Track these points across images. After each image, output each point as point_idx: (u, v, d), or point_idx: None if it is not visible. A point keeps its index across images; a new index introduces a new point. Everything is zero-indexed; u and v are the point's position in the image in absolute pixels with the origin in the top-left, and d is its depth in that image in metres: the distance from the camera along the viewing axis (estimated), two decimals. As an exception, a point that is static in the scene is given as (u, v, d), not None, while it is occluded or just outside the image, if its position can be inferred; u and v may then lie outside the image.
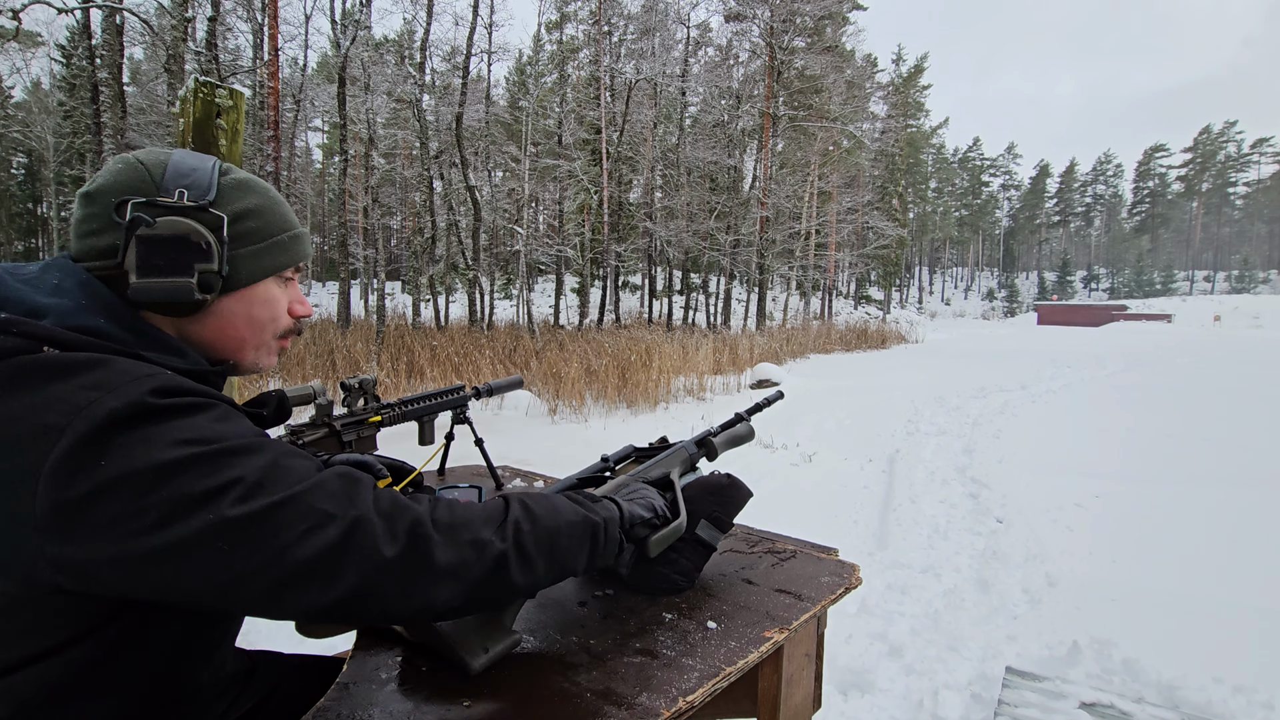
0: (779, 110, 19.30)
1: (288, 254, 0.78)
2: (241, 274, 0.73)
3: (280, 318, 0.80)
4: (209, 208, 0.70)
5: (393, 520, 0.62)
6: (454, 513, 0.66)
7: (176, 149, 0.76)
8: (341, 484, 0.62)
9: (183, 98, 2.11)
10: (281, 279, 0.80)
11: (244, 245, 0.73)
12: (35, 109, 24.45)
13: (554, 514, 0.74)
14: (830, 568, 1.13)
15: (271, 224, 0.76)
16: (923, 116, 47.88)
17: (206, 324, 0.73)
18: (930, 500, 4.45)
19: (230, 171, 0.75)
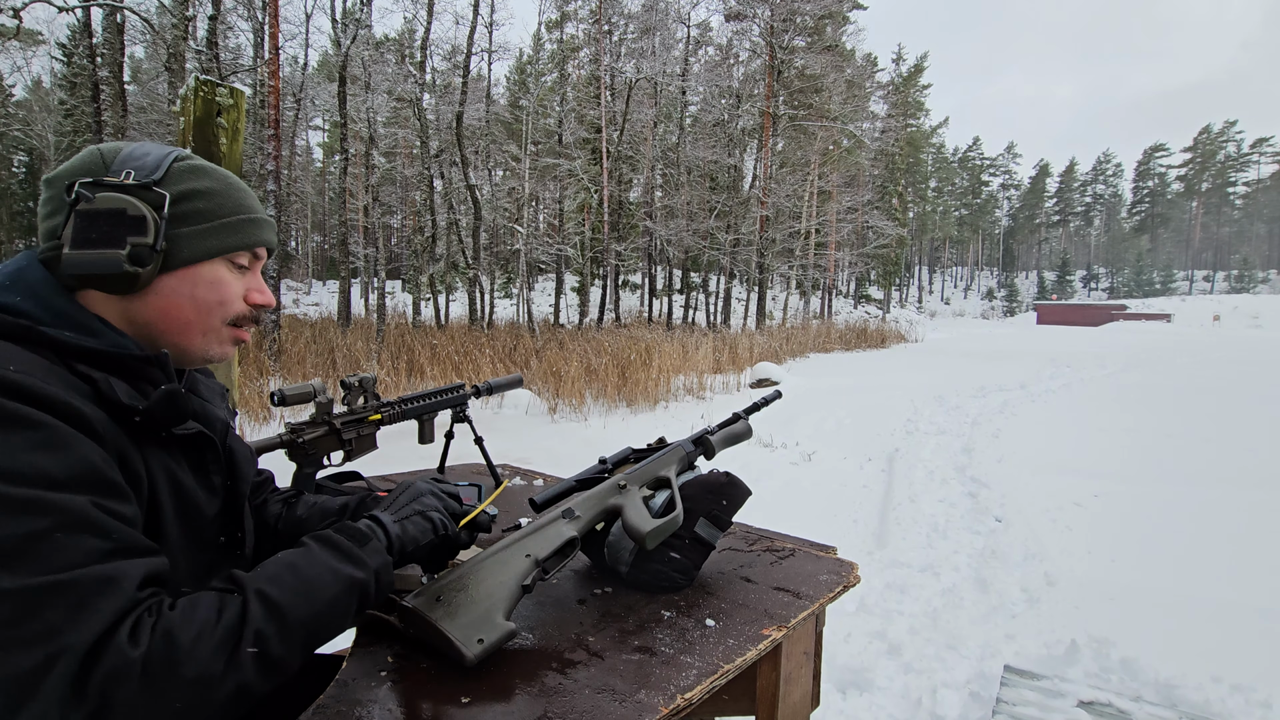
0: (779, 109, 19.29)
1: (237, 236, 0.76)
2: (184, 252, 0.72)
3: (230, 302, 0.77)
4: (152, 187, 0.70)
5: (90, 667, 0.51)
6: (172, 645, 0.55)
7: (139, 142, 0.76)
8: (93, 590, 0.53)
9: (183, 96, 2.11)
10: (234, 263, 0.77)
11: (187, 224, 0.72)
12: (36, 107, 24.45)
13: (307, 597, 0.65)
14: (829, 566, 1.13)
15: (222, 206, 0.75)
16: (923, 116, 47.86)
17: (149, 304, 0.72)
18: (929, 499, 4.46)
19: (189, 159, 0.75)
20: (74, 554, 0.54)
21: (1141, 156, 76.42)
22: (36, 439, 0.55)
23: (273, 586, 0.63)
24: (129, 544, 0.58)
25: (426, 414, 1.62)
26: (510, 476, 1.77)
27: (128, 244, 0.67)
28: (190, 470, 0.74)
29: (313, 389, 1.37)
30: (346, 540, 0.72)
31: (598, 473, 1.07)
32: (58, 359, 0.64)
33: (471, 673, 0.78)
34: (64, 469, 0.56)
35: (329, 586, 0.67)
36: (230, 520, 0.81)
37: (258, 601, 0.61)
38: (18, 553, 0.52)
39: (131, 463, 0.64)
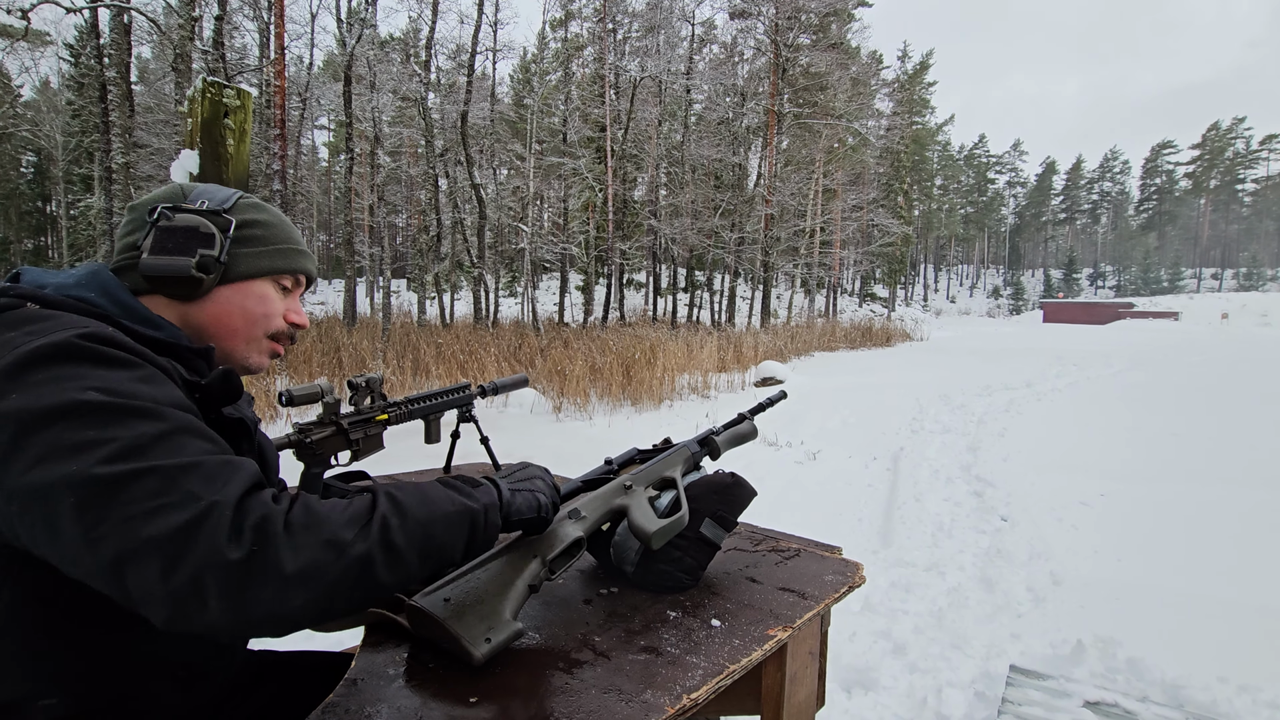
0: (784, 107, 19.25)
1: (286, 260, 0.88)
2: (241, 268, 0.84)
3: (272, 317, 0.88)
4: (222, 213, 0.83)
5: (244, 515, 0.57)
6: (310, 512, 0.61)
7: (212, 185, 0.91)
8: (219, 469, 0.59)
9: (191, 97, 2.12)
10: (279, 285, 0.89)
11: (246, 246, 0.85)
12: (44, 108, 24.59)
13: (426, 504, 0.71)
14: (834, 566, 1.13)
15: (275, 235, 0.88)
16: (928, 113, 47.71)
17: (205, 310, 0.83)
18: (934, 498, 4.45)
19: (252, 199, 0.89)
20: (197, 447, 0.60)
21: (1149, 154, 75.98)
22: (140, 374, 0.63)
23: (399, 491, 0.71)
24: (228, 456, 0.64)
25: (433, 414, 1.63)
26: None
27: (197, 254, 0.79)
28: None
29: (320, 389, 1.37)
30: (462, 485, 0.80)
31: (604, 473, 1.08)
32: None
33: (479, 672, 0.78)
34: (168, 397, 0.63)
35: (445, 505, 0.73)
36: None
37: (385, 497, 0.69)
38: (146, 446, 0.57)
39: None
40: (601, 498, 0.99)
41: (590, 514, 0.96)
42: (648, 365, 8.61)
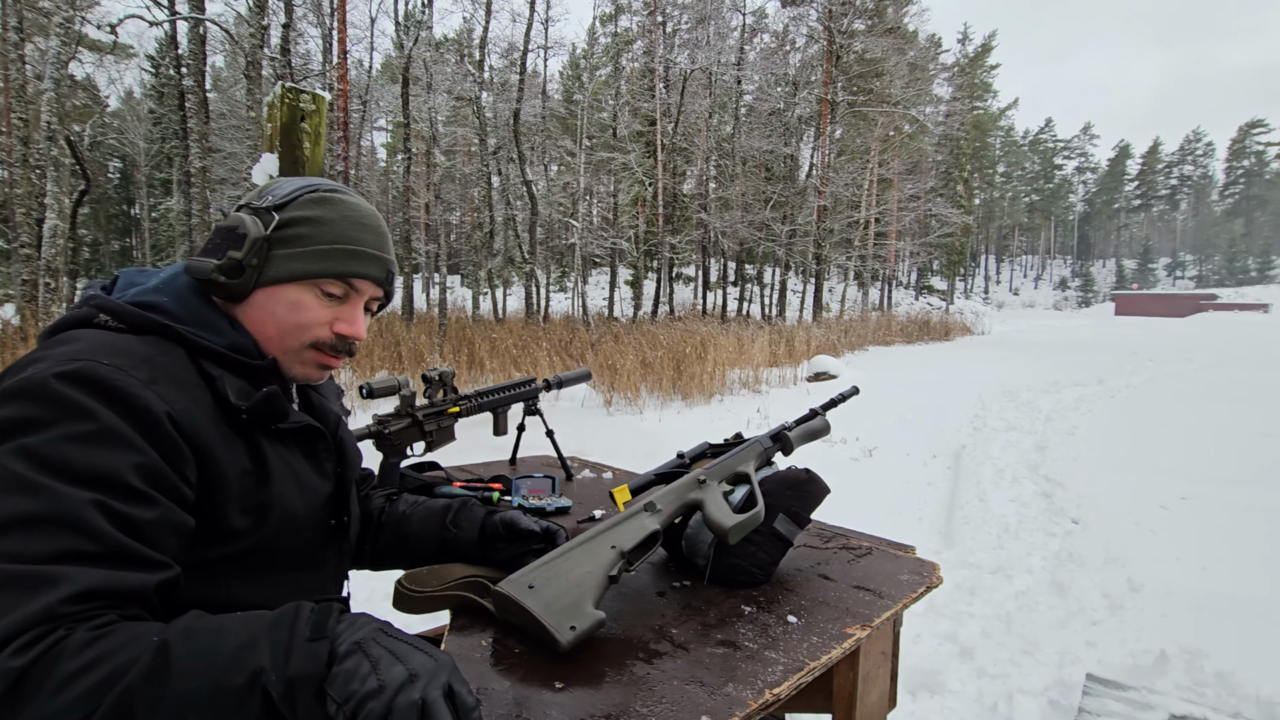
0: (837, 96, 18.79)
1: (325, 264, 0.79)
2: (272, 271, 0.78)
3: (310, 326, 0.80)
4: (272, 210, 0.79)
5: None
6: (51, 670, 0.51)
7: (316, 178, 0.88)
8: (19, 589, 0.54)
9: (270, 103, 2.23)
10: (322, 290, 0.80)
11: (284, 247, 0.78)
12: (128, 117, 26.21)
13: (201, 667, 0.53)
14: (909, 565, 1.11)
15: (323, 235, 0.79)
16: (990, 98, 45.71)
17: (247, 313, 0.80)
18: (999, 498, 4.30)
19: (325, 193, 0.82)
20: (39, 546, 0.55)
21: (1236, 134, 70.81)
22: (80, 431, 0.61)
23: (182, 642, 0.55)
24: (115, 551, 0.59)
25: (501, 407, 1.67)
26: (579, 470, 1.81)
27: (225, 255, 0.76)
28: (304, 458, 0.83)
29: (397, 382, 1.43)
30: (306, 623, 0.58)
31: (676, 467, 1.09)
32: (190, 354, 0.74)
33: (563, 658, 0.80)
34: (87, 465, 0.60)
35: (233, 674, 0.54)
36: (339, 504, 0.88)
37: (153, 653, 0.54)
38: (4, 531, 0.55)
39: (213, 454, 0.69)
40: (676, 491, 1.00)
41: (665, 507, 0.97)
42: (698, 359, 8.57)
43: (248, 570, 0.75)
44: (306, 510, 0.81)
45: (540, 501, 1.42)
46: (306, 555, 0.84)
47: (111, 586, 0.58)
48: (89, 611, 0.56)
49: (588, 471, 1.78)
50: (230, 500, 0.71)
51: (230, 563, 0.73)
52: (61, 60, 5.91)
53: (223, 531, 0.72)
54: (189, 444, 0.68)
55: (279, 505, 0.77)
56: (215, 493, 0.70)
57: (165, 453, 0.65)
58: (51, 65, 5.89)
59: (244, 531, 0.74)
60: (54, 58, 5.92)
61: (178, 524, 0.66)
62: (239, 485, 0.73)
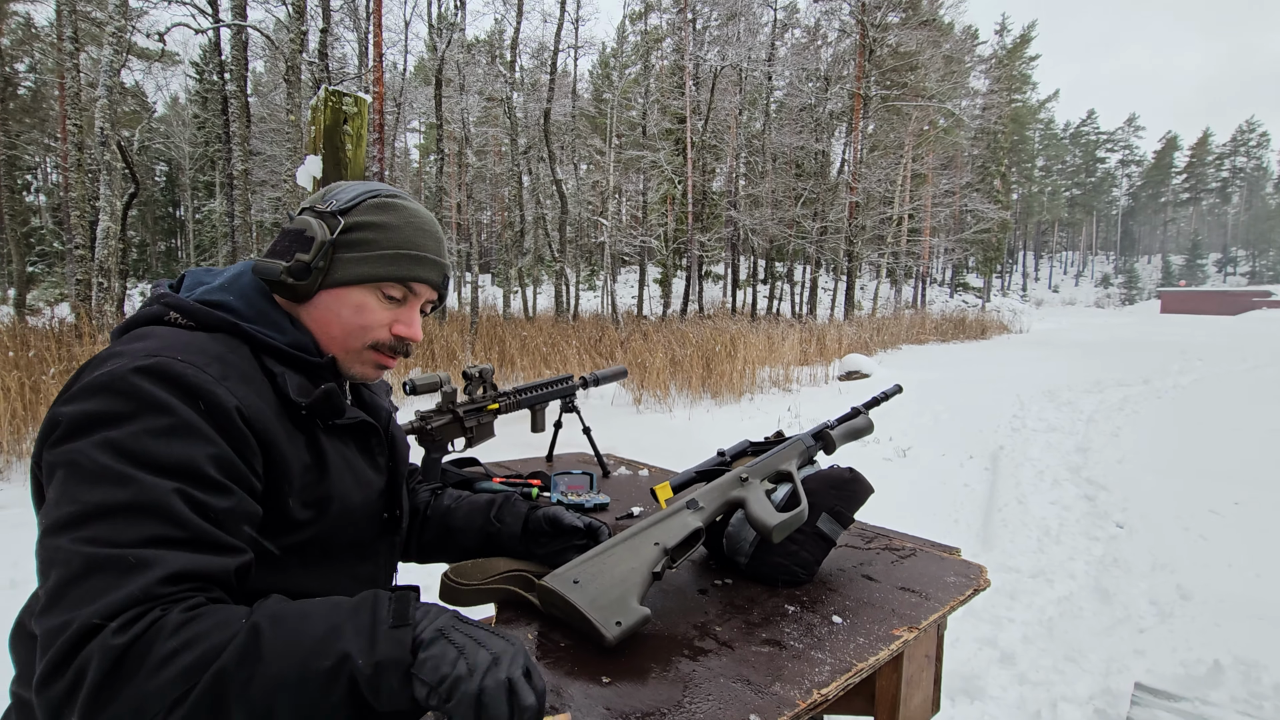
0: (870, 90, 18.49)
1: (389, 268, 0.81)
2: (338, 273, 0.81)
3: (371, 328, 0.83)
4: (337, 214, 0.81)
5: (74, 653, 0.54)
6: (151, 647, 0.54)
7: (374, 182, 0.89)
8: (115, 577, 0.57)
9: (313, 106, 2.28)
10: (384, 294, 0.83)
11: (350, 250, 0.81)
12: (175, 122, 27.11)
13: (290, 652, 0.57)
14: (955, 568, 1.09)
15: (387, 240, 0.82)
16: (1029, 90, 44.46)
17: (310, 313, 0.83)
18: (1039, 501, 4.19)
19: (386, 199, 0.84)
20: (130, 532, 0.59)
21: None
22: (160, 425, 0.64)
23: (270, 625, 0.58)
24: (199, 536, 0.62)
25: (539, 404, 1.69)
26: (615, 467, 1.81)
27: (294, 258, 0.79)
28: (359, 452, 0.86)
29: (439, 379, 1.46)
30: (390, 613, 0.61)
31: (717, 464, 1.09)
32: (253, 351, 0.77)
33: (608, 653, 0.81)
34: (168, 456, 0.63)
35: (321, 658, 0.57)
36: (392, 498, 0.91)
37: (245, 635, 0.57)
38: (91, 517, 0.59)
39: (279, 448, 0.73)
40: (718, 489, 1.00)
41: (708, 505, 0.97)
42: (728, 358, 8.53)
43: (307, 560, 0.78)
44: (362, 503, 0.84)
45: (579, 498, 1.43)
46: (361, 546, 0.86)
47: (199, 569, 0.61)
48: (180, 593, 0.60)
49: (624, 469, 1.79)
50: (293, 492, 0.74)
51: (291, 552, 0.76)
52: (113, 68, 6.14)
53: (286, 522, 0.75)
54: (257, 438, 0.71)
55: (338, 499, 0.79)
56: (280, 485, 0.73)
57: (237, 445, 0.69)
58: (104, 73, 6.12)
59: (305, 523, 0.76)
60: (106, 66, 6.14)
61: (250, 512, 0.69)
62: (301, 479, 0.75)
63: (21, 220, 18.59)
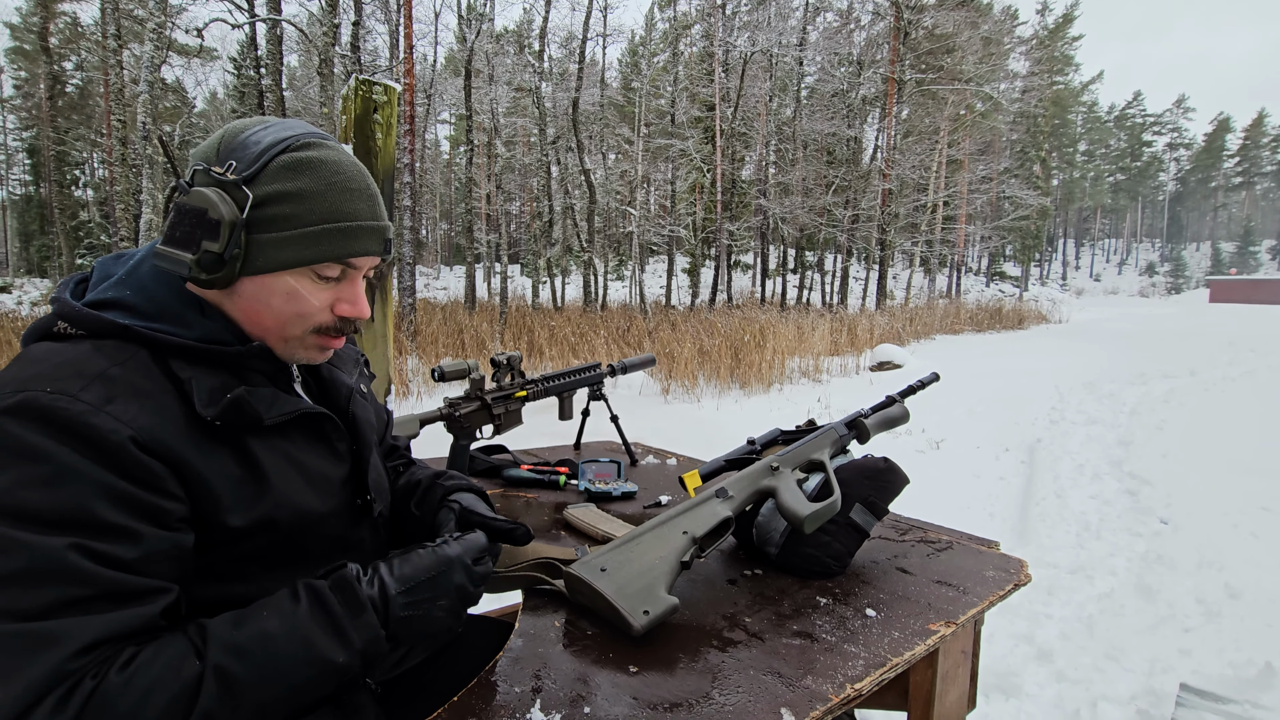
0: (905, 74, 18.04)
1: (318, 248, 0.69)
2: (259, 261, 0.68)
3: (311, 314, 0.73)
4: (242, 185, 0.66)
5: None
6: (104, 716, 0.52)
7: (275, 119, 0.74)
8: (27, 648, 0.52)
9: (345, 95, 2.30)
10: (318, 275, 0.72)
11: (266, 231, 0.68)
12: (213, 117, 27.77)
13: (273, 679, 0.59)
14: (994, 562, 1.06)
15: (310, 213, 0.69)
16: (1071, 72, 42.90)
17: (235, 302, 0.71)
18: (1079, 495, 4.08)
19: (297, 152, 0.69)
20: (29, 601, 0.53)
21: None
22: (37, 474, 0.56)
23: (236, 661, 0.58)
24: (108, 590, 0.57)
25: (566, 391, 1.68)
26: (643, 455, 1.80)
27: (200, 248, 0.65)
28: (311, 443, 0.77)
29: (468, 366, 1.46)
30: (340, 605, 0.64)
31: (746, 453, 1.07)
32: (154, 356, 0.66)
33: (635, 642, 0.80)
34: (55, 509, 0.56)
35: (300, 669, 0.60)
36: (359, 484, 0.82)
37: (215, 679, 0.56)
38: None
39: (191, 467, 0.64)
40: (748, 478, 0.98)
41: (737, 494, 0.96)
42: (757, 348, 8.46)
43: (273, 565, 0.71)
44: (322, 501, 0.75)
45: (606, 486, 1.42)
46: (337, 540, 0.78)
47: (115, 631, 0.56)
48: (102, 656, 0.55)
49: (651, 457, 1.78)
50: (225, 508, 0.66)
51: (250, 561, 0.70)
52: (154, 64, 6.29)
53: (231, 534, 0.67)
54: (161, 460, 0.62)
55: (287, 505, 0.71)
56: (205, 503, 0.65)
57: (136, 477, 0.60)
58: (145, 69, 6.28)
59: (252, 534, 0.69)
60: (148, 62, 6.31)
61: (171, 546, 0.62)
62: (233, 494, 0.67)
63: (70, 214, 19.25)
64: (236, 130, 0.71)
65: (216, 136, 0.71)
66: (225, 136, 0.70)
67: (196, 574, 0.66)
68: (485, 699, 0.70)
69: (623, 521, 1.21)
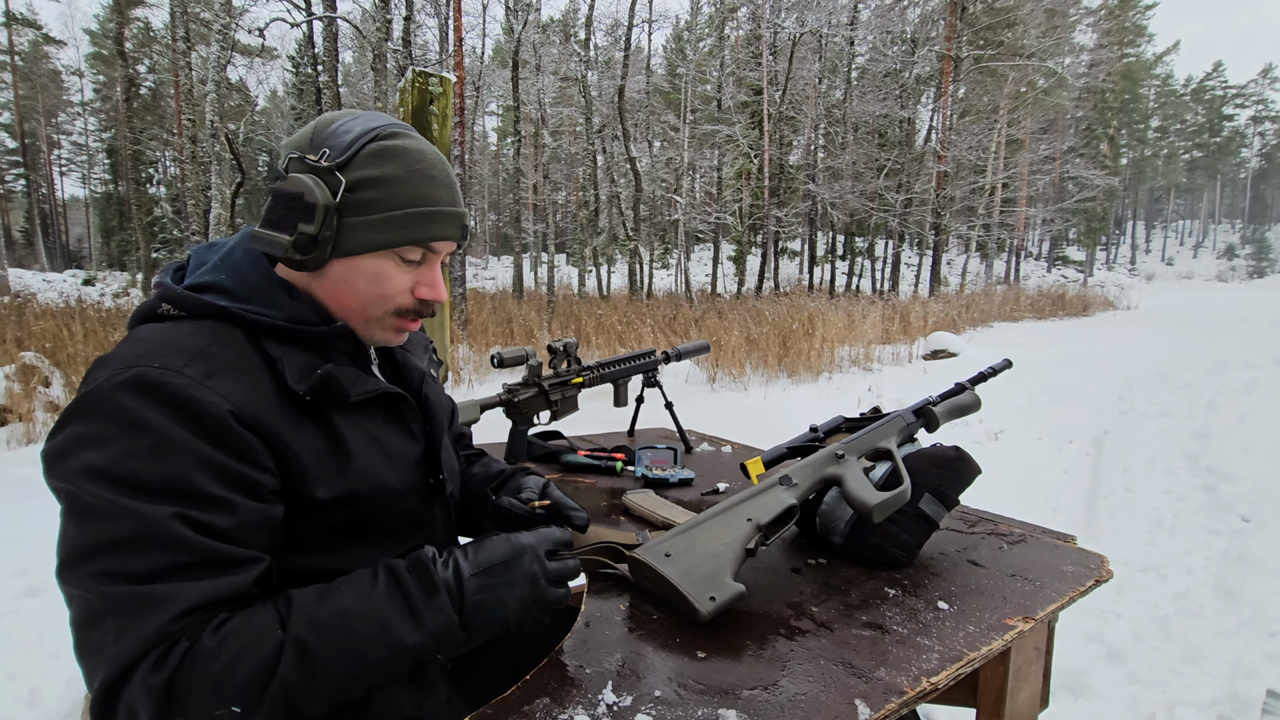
0: (962, 51, 17.31)
1: (402, 231, 0.73)
2: (348, 242, 0.72)
3: (392, 296, 0.76)
4: (335, 170, 0.70)
5: (116, 700, 0.56)
6: (197, 677, 0.56)
7: (362, 111, 0.77)
8: (132, 615, 0.57)
9: (401, 88, 2.34)
10: (402, 258, 0.75)
11: (356, 214, 0.71)
12: (273, 114, 28.86)
13: (350, 656, 0.61)
14: (1071, 557, 1.02)
15: (396, 198, 0.72)
16: (1144, 43, 40.36)
17: (323, 284, 0.75)
18: (1150, 490, 3.88)
19: (385, 140, 0.73)
20: (138, 566, 0.58)
21: None
22: (144, 445, 0.60)
23: (315, 635, 0.61)
24: (207, 558, 0.60)
25: (621, 378, 1.69)
26: (698, 443, 1.80)
27: (297, 230, 0.69)
28: (388, 422, 0.80)
29: (526, 353, 1.48)
30: (415, 587, 0.66)
31: (809, 440, 1.05)
32: (249, 335, 0.70)
33: (701, 628, 0.80)
34: (160, 479, 0.59)
35: (375, 648, 0.62)
36: (432, 464, 0.85)
37: (294, 650, 0.59)
38: (97, 552, 0.58)
39: (283, 440, 0.67)
40: (813, 465, 0.96)
41: (801, 481, 0.94)
42: (805, 336, 8.32)
43: (353, 537, 0.75)
44: (399, 477, 0.78)
45: (663, 473, 1.42)
46: (412, 517, 0.81)
47: (212, 597, 0.60)
48: (198, 620, 0.59)
49: (706, 445, 1.77)
50: (311, 481, 0.69)
51: (333, 533, 0.73)
52: (220, 64, 6.56)
53: (316, 506, 0.70)
54: (257, 434, 0.66)
55: (368, 479, 0.74)
56: (294, 476, 0.68)
57: (234, 450, 0.64)
58: (212, 69, 6.56)
59: (336, 506, 0.72)
60: (214, 62, 6.58)
61: (263, 517, 0.65)
62: (319, 467, 0.70)
63: (146, 210, 20.32)
64: (328, 121, 0.75)
65: (309, 127, 0.75)
66: (318, 127, 0.74)
67: (283, 545, 0.69)
68: (557, 678, 0.71)
69: (681, 508, 1.21)
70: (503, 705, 0.68)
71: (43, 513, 3.08)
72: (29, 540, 2.72)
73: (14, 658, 2.05)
